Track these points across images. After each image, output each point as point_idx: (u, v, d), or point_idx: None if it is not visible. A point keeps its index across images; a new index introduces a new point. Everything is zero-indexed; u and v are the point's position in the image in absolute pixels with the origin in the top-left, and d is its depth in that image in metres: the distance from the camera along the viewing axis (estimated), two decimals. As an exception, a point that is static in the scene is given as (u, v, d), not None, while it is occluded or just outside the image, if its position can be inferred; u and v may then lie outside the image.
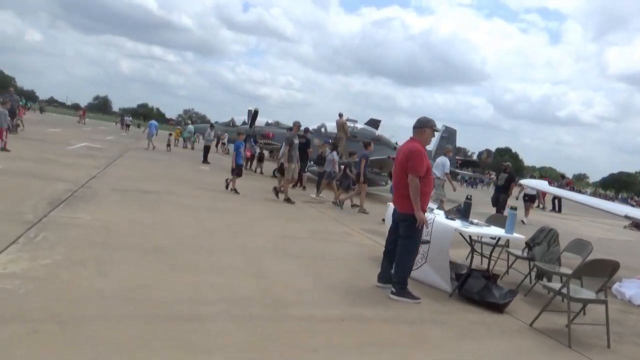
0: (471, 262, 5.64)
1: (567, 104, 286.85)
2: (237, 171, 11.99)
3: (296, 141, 12.02)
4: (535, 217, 17.12)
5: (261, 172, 18.71)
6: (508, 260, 6.72)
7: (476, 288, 5.31)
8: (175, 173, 14.48)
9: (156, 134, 25.15)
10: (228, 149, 32.78)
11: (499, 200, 14.52)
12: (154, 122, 25.65)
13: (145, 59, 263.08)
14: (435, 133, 5.18)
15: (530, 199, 16.77)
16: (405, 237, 5.04)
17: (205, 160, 20.91)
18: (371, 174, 17.50)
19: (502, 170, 16.60)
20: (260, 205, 10.45)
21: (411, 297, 4.99)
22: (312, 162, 17.34)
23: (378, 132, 20.90)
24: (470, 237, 5.60)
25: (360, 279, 5.59)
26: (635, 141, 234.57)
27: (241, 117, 32.79)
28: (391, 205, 6.89)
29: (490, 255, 5.86)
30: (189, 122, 79.43)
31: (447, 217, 5.93)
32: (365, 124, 23.27)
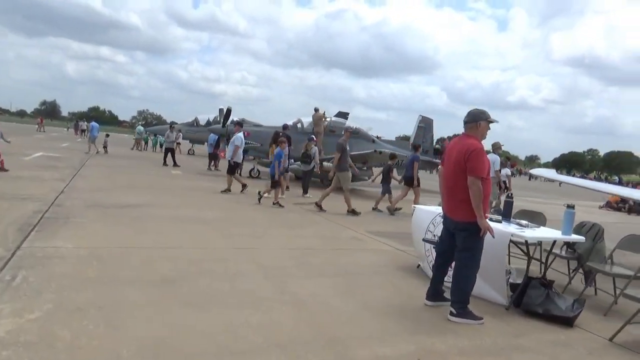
0: (527, 269, 5.00)
1: (516, 89, 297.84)
2: (272, 182, 10.96)
3: (347, 147, 11.06)
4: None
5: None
6: (540, 259, 6.12)
7: (538, 300, 4.68)
8: (148, 180, 13.29)
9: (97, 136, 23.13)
10: (194, 150, 31.41)
11: None
12: (95, 123, 23.23)
13: (92, 60, 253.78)
14: (490, 125, 4.48)
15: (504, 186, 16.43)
16: (465, 249, 4.33)
17: (174, 164, 19.59)
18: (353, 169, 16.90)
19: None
20: (252, 211, 9.55)
21: (473, 317, 4.30)
22: (293, 160, 16.57)
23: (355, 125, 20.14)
24: (526, 242, 4.95)
25: (404, 297, 4.87)
26: (580, 122, 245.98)
27: (204, 116, 31.49)
28: (419, 208, 6.22)
29: (547, 260, 5.24)
30: (140, 123, 76.34)
31: (489, 220, 5.27)
32: (334, 116, 22.50)
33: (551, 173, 11.75)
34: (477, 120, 4.44)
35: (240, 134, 12.56)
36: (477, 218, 4.19)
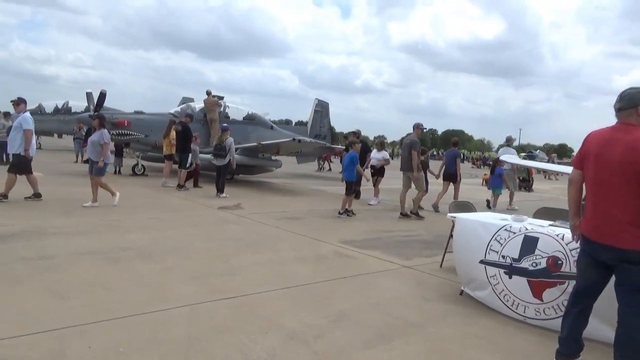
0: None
1: (361, 73, 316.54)
2: (350, 190, 9.42)
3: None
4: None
5: (119, 172, 14.44)
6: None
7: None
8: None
9: None
10: (40, 143, 26.06)
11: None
12: None
13: None
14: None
15: (377, 172, 12.38)
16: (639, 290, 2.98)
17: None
18: (262, 159, 14.99)
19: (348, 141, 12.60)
20: (182, 227, 7.23)
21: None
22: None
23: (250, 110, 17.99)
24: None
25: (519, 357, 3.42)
26: (416, 103, 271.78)
27: (50, 103, 26.48)
28: (466, 219, 4.79)
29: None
30: None
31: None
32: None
33: (515, 159, 11.35)
34: (637, 105, 3.09)
35: (28, 114, 8.56)
36: (662, 246, 2.88)
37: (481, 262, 4.43)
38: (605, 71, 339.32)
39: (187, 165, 11.96)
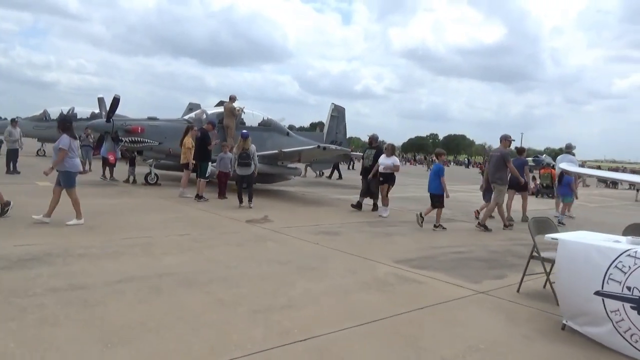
0: None
1: (362, 78, 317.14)
2: (440, 203, 9.28)
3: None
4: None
5: (134, 181, 13.76)
6: None
7: None
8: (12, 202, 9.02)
9: None
10: (44, 150, 25.39)
11: (369, 186, 11.12)
12: None
13: None
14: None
15: (387, 180, 10.98)
16: None
17: (14, 169, 14.95)
18: (281, 167, 14.32)
19: (367, 146, 12.18)
20: (216, 248, 6.55)
21: None
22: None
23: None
24: None
25: None
26: (417, 108, 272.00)
27: (55, 109, 25.83)
28: (572, 241, 4.11)
29: None
30: None
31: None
32: (215, 106, 19.10)
33: (575, 167, 10.79)
34: None
35: None
36: None
37: (597, 293, 3.75)
38: (605, 75, 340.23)
39: (207, 174, 11.27)
